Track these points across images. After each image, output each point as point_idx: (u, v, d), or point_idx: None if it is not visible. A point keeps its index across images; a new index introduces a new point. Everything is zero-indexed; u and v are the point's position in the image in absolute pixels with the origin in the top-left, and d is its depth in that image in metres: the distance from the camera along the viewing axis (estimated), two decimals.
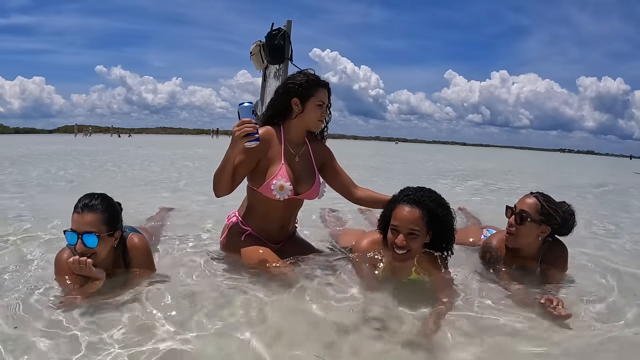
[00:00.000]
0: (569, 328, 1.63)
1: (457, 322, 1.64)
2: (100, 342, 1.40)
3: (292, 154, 2.07)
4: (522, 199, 2.06)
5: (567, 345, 1.52)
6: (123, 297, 1.72)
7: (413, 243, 1.78)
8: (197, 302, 1.74)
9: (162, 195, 4.90)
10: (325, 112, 2.07)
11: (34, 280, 1.90)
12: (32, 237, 2.68)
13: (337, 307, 1.74)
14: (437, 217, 1.79)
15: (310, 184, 2.10)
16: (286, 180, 1.98)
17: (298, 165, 2.08)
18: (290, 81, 2.05)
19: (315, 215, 3.44)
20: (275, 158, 2.02)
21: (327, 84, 2.07)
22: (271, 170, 2.00)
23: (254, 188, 2.05)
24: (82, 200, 1.71)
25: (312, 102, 2.01)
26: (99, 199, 1.72)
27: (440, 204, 1.83)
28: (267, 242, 2.14)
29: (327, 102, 2.06)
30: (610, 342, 1.56)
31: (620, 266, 2.55)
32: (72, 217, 1.68)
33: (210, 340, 1.46)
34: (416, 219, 1.76)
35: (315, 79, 2.05)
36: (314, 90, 2.02)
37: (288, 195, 2.00)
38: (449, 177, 9.06)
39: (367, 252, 1.96)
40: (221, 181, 1.92)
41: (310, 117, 2.03)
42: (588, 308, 1.85)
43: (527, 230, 2.00)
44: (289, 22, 4.00)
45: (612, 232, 3.73)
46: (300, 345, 1.46)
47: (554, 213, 1.99)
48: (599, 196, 7.05)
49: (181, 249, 2.51)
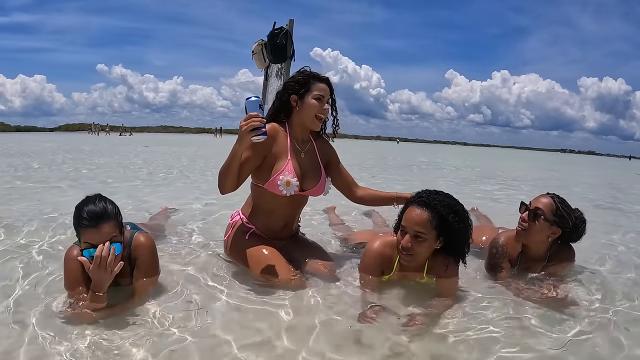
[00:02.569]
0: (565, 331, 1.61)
1: (454, 325, 1.62)
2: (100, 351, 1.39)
3: (297, 150, 2.08)
4: (537, 197, 2.06)
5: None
6: (128, 304, 1.68)
7: (418, 246, 1.75)
8: (200, 305, 1.72)
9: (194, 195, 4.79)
10: (324, 107, 2.04)
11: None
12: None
13: (338, 311, 1.72)
14: (447, 223, 1.73)
15: (317, 180, 2.11)
16: (293, 175, 1.98)
17: (304, 162, 2.08)
18: (289, 80, 2.09)
19: (319, 215, 3.44)
20: (281, 154, 2.02)
21: (325, 79, 2.06)
22: (277, 166, 2.00)
23: (259, 185, 2.05)
24: (89, 213, 1.59)
25: (308, 96, 2.01)
26: (103, 204, 1.65)
27: (453, 210, 1.75)
28: (271, 240, 2.13)
29: (327, 96, 2.05)
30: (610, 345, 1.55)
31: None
32: (84, 232, 1.58)
33: (216, 347, 1.45)
34: (423, 222, 1.72)
35: (312, 74, 2.05)
36: (309, 85, 2.02)
37: (294, 191, 1.99)
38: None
39: (378, 254, 1.92)
40: (227, 178, 1.90)
41: (308, 113, 2.02)
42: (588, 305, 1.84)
43: (539, 228, 1.99)
44: (291, 21, 4.00)
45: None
46: (305, 347, 1.45)
47: (567, 216, 1.99)
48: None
49: (185, 249, 2.50)
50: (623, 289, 2.11)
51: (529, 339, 1.54)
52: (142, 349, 1.37)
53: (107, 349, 1.37)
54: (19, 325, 1.50)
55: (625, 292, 2.06)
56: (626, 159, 66.09)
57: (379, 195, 2.24)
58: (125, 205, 3.55)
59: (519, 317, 1.71)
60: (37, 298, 1.74)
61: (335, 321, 1.63)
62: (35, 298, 1.74)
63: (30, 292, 1.82)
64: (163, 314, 1.62)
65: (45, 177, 6.28)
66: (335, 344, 1.47)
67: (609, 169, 20.23)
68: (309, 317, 1.66)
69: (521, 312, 1.75)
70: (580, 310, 1.80)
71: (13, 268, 2.09)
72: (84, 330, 1.48)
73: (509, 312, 1.76)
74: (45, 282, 1.89)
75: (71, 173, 6.97)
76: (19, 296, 1.76)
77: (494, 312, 1.75)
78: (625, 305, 1.89)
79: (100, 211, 1.61)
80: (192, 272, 2.09)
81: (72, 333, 1.45)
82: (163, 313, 1.62)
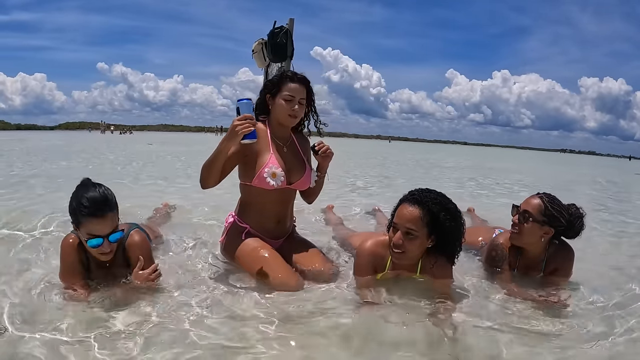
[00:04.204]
0: (562, 333, 1.62)
1: (454, 327, 1.62)
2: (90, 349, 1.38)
3: (279, 145, 2.12)
4: (527, 199, 2.06)
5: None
6: (122, 302, 1.68)
7: (409, 243, 1.75)
8: (197, 307, 1.72)
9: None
10: (296, 106, 2.06)
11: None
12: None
13: (338, 311, 1.72)
14: (439, 221, 1.73)
15: (302, 172, 2.14)
16: (277, 166, 2.02)
17: (287, 155, 2.12)
18: (268, 79, 2.15)
19: (316, 217, 3.45)
20: (263, 150, 2.06)
21: (301, 79, 2.08)
22: (261, 161, 2.04)
23: (247, 183, 2.09)
24: (93, 201, 1.60)
25: (279, 96, 2.06)
26: (103, 190, 1.64)
27: (445, 208, 1.75)
28: (267, 239, 2.13)
29: (298, 96, 2.06)
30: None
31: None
32: (89, 222, 1.59)
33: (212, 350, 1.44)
34: (415, 219, 1.72)
35: (286, 74, 2.09)
36: (282, 85, 2.06)
37: (281, 181, 2.02)
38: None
39: (370, 253, 1.93)
40: (211, 173, 1.94)
41: (280, 110, 2.06)
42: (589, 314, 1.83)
43: (530, 230, 2.00)
44: (292, 20, 4.02)
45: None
46: (305, 347, 1.46)
47: (557, 215, 1.98)
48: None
49: (181, 249, 2.50)
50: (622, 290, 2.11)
51: (529, 341, 1.55)
52: (136, 349, 1.37)
53: (98, 349, 1.36)
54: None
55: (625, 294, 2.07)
56: (626, 159, 65.93)
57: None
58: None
59: (519, 318, 1.71)
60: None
61: (334, 321, 1.63)
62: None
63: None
64: (159, 313, 1.61)
65: (126, 174, 6.83)
66: (335, 344, 1.47)
67: (603, 169, 20.12)
68: (308, 317, 1.66)
69: (521, 313, 1.76)
70: (579, 310, 1.81)
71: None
72: (77, 326, 1.48)
73: (509, 313, 1.76)
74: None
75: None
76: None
77: (494, 312, 1.76)
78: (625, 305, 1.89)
79: (103, 198, 1.61)
80: (190, 272, 2.09)
81: (62, 330, 1.45)
82: (159, 313, 1.62)
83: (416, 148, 39.67)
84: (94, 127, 49.26)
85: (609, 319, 1.77)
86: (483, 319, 1.69)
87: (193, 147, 16.80)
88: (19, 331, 1.44)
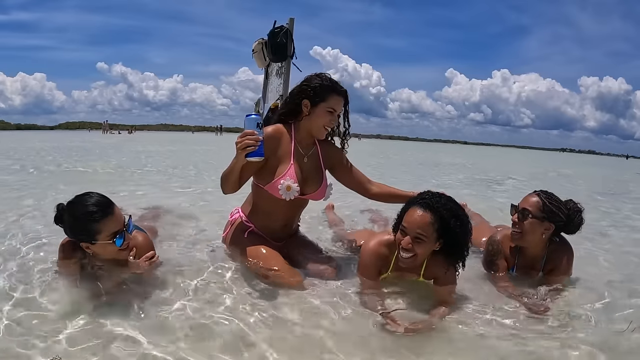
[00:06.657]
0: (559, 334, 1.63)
1: (452, 329, 1.63)
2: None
3: (301, 154, 2.06)
4: (525, 197, 2.07)
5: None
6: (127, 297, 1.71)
7: (418, 247, 1.74)
8: (199, 303, 1.73)
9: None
10: (335, 119, 2.02)
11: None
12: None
13: (337, 311, 1.72)
14: (449, 228, 1.73)
15: (317, 185, 2.10)
16: (294, 181, 1.97)
17: (306, 166, 2.07)
18: (306, 83, 2.01)
19: (318, 215, 3.44)
20: (284, 157, 2.01)
21: (343, 92, 2.02)
22: (280, 170, 1.99)
23: (260, 185, 2.04)
24: (98, 204, 1.63)
25: (321, 107, 1.98)
26: (94, 194, 1.67)
27: (455, 215, 1.74)
28: (270, 240, 2.13)
29: (339, 110, 2.01)
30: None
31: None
32: (105, 224, 1.61)
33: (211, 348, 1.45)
34: (425, 224, 1.71)
35: (331, 85, 2.00)
36: (326, 95, 1.97)
37: (294, 196, 1.99)
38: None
39: (374, 253, 1.92)
40: (228, 184, 1.94)
41: (316, 122, 2.00)
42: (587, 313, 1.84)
43: (531, 227, 2.00)
44: (292, 19, 4.01)
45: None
46: (305, 348, 1.47)
47: (556, 210, 1.99)
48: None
49: (182, 245, 2.50)
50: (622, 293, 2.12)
51: (529, 342, 1.55)
52: (135, 348, 1.37)
53: (100, 346, 1.37)
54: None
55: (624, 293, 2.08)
56: (623, 157, 65.84)
57: (394, 193, 2.21)
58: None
59: (518, 320, 1.72)
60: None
61: (334, 321, 1.64)
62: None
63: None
64: (161, 309, 1.62)
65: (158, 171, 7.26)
66: (333, 344, 1.48)
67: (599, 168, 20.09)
68: (308, 317, 1.66)
69: (521, 316, 1.76)
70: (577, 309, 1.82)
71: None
72: (76, 318, 1.51)
73: (509, 314, 1.76)
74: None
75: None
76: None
77: (494, 313, 1.76)
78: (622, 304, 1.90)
79: (102, 198, 1.66)
80: (191, 268, 2.08)
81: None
82: (161, 308, 1.63)
83: (408, 147, 39.52)
84: (94, 127, 49.27)
85: (609, 318, 1.78)
86: (477, 324, 1.68)
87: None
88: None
